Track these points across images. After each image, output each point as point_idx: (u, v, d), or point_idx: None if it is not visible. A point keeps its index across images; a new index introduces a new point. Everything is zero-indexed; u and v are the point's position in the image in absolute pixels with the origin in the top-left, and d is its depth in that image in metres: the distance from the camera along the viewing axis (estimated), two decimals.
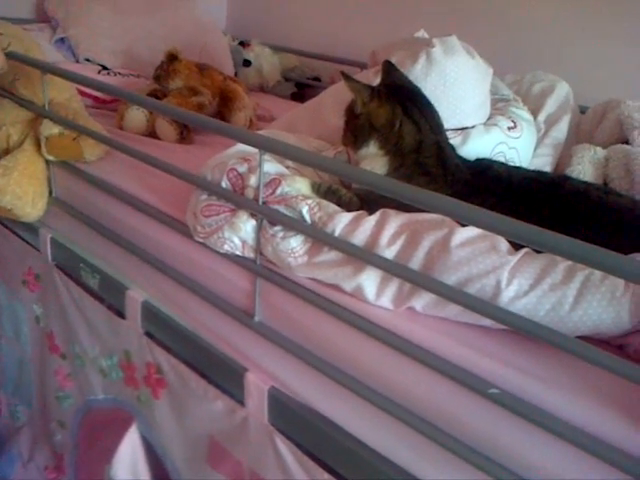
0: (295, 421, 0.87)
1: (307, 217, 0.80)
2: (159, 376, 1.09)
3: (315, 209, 0.81)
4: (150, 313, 1.07)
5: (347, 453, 0.80)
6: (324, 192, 0.87)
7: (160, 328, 1.07)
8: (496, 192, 0.86)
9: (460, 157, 0.95)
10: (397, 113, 0.91)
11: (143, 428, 1.19)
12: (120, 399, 1.24)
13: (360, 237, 0.76)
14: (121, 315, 1.14)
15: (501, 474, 0.65)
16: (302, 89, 2.19)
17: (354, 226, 0.77)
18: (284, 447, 0.88)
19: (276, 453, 0.90)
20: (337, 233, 0.77)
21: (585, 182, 1.00)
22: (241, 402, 0.93)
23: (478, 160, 0.96)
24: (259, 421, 0.91)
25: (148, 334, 1.10)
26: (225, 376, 0.96)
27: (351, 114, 0.94)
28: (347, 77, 0.90)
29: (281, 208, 0.82)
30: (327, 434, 0.82)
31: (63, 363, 1.37)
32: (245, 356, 0.92)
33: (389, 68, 0.98)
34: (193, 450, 1.08)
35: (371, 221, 0.78)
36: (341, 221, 0.78)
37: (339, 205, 0.84)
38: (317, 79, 2.19)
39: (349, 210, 0.82)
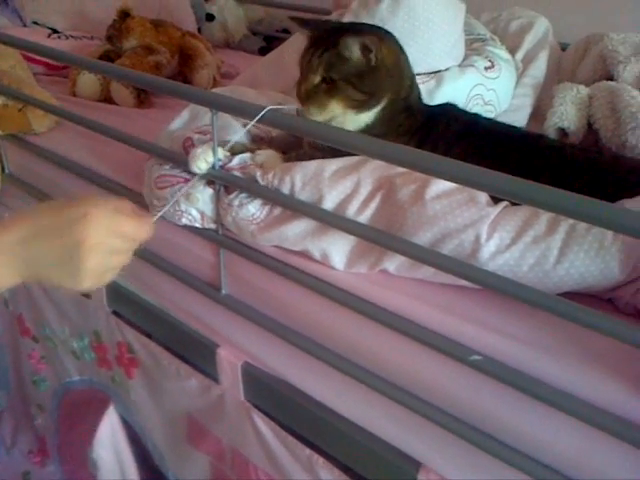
0: (272, 397, 0.82)
1: (260, 180, 0.73)
2: (131, 355, 1.04)
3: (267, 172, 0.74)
4: (114, 291, 1.01)
5: (326, 427, 0.76)
6: None
7: (127, 306, 1.02)
8: (452, 138, 0.78)
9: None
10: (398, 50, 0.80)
11: (121, 409, 1.15)
12: (95, 380, 1.19)
13: (333, 195, 0.69)
14: (86, 295, 1.08)
15: (485, 441, 0.61)
16: (271, 43, 2.05)
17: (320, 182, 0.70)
18: (262, 424, 0.84)
19: (255, 430, 0.86)
20: (297, 188, 0.70)
21: (561, 141, 0.92)
22: (215, 379, 0.89)
23: (440, 105, 0.86)
24: (235, 398, 0.86)
25: (116, 313, 1.04)
26: (196, 353, 0.91)
27: (354, 72, 0.73)
28: (301, 23, 0.79)
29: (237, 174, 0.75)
30: (305, 408, 0.78)
31: (36, 346, 1.32)
32: (215, 331, 0.87)
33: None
34: (172, 429, 1.04)
35: (345, 182, 0.69)
36: (298, 174, 0.71)
37: None
38: (286, 31, 2.06)
39: None
